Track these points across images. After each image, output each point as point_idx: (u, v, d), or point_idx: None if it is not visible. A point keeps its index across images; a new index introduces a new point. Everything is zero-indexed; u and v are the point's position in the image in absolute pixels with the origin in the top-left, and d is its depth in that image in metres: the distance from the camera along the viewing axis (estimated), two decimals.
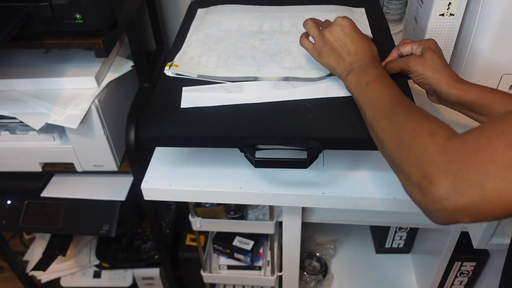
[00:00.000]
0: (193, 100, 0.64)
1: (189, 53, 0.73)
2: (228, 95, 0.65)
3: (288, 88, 0.65)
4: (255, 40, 0.75)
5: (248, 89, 0.66)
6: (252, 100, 0.64)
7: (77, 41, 0.74)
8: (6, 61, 0.88)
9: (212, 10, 0.86)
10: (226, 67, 0.69)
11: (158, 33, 1.15)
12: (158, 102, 0.65)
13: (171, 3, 1.16)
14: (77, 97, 0.82)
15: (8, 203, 1.04)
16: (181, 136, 0.61)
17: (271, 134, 0.60)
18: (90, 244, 1.32)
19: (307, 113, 0.62)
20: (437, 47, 0.62)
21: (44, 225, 1.02)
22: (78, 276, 1.31)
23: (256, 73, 0.68)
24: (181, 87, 0.67)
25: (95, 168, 0.93)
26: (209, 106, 0.63)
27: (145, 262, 1.25)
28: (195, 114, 0.62)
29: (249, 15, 0.83)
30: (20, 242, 1.49)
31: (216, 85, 0.67)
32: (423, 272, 1.07)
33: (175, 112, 0.63)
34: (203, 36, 0.77)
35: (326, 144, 0.60)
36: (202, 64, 0.70)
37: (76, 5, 0.68)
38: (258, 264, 1.08)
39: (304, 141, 0.59)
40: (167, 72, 0.70)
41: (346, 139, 0.60)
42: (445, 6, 0.72)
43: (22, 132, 0.87)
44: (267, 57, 0.70)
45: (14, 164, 0.93)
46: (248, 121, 0.61)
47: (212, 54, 0.72)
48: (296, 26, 0.78)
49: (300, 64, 0.69)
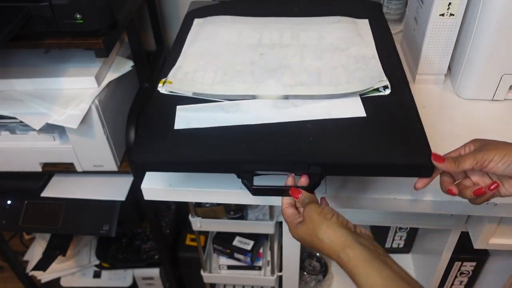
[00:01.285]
0: (187, 121, 0.61)
1: (184, 68, 0.69)
2: (224, 115, 0.61)
3: (288, 107, 0.62)
4: (254, 54, 0.71)
5: (246, 108, 0.62)
6: (250, 121, 0.60)
7: (77, 41, 0.74)
8: (6, 61, 0.88)
9: (209, 20, 0.82)
10: (223, 83, 0.65)
11: (158, 33, 1.15)
12: (151, 122, 0.62)
13: (171, 3, 1.16)
14: (77, 97, 0.82)
15: (8, 203, 1.04)
16: (175, 161, 0.58)
17: (270, 159, 0.56)
18: (90, 244, 1.32)
19: (309, 135, 0.58)
20: (487, 139, 0.53)
21: (44, 225, 1.02)
22: (78, 276, 1.31)
23: (254, 91, 0.64)
24: (175, 105, 0.63)
25: (95, 168, 0.93)
26: (204, 127, 0.60)
27: (145, 262, 1.26)
28: (190, 137, 0.59)
29: (248, 26, 0.79)
30: (20, 242, 1.49)
31: (212, 104, 0.63)
32: (423, 272, 1.07)
33: (169, 135, 0.59)
34: (199, 49, 0.73)
35: (329, 170, 0.56)
36: (198, 80, 0.66)
37: (76, 5, 0.68)
38: (258, 264, 1.08)
39: (306, 167, 0.55)
40: (160, 89, 0.66)
41: (351, 166, 0.56)
42: (445, 6, 0.72)
43: (22, 132, 0.87)
44: (266, 73, 0.67)
45: (14, 164, 0.93)
46: (246, 145, 0.57)
47: (209, 69, 0.68)
48: (297, 39, 0.74)
49: (300, 81, 0.65)
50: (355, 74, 0.65)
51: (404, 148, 0.55)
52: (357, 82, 0.64)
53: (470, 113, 0.75)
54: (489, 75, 0.74)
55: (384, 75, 0.64)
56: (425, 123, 0.58)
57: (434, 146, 0.55)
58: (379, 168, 0.55)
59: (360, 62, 0.68)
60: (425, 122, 0.58)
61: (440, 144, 0.68)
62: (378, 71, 0.66)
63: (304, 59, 0.69)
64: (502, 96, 0.76)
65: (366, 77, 0.64)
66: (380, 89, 0.63)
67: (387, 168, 0.55)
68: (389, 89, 0.63)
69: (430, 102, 0.78)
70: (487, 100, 0.77)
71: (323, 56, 0.70)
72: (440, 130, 0.71)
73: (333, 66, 0.67)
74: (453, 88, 0.80)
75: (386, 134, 0.57)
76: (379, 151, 0.55)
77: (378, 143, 0.56)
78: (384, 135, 0.57)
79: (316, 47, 0.72)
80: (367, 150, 0.55)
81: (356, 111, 0.60)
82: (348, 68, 0.67)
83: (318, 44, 0.72)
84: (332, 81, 0.64)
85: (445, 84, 0.82)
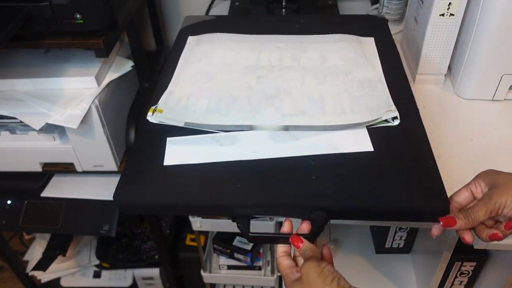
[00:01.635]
0: (178, 156, 0.55)
1: (176, 93, 0.64)
2: (219, 149, 0.56)
3: (289, 140, 0.56)
4: (251, 78, 0.65)
5: (242, 141, 0.57)
6: (246, 156, 0.55)
7: (77, 41, 0.74)
8: (6, 61, 0.88)
9: (204, 39, 0.76)
10: (218, 112, 0.60)
11: (158, 33, 1.15)
12: (138, 157, 0.57)
13: (171, 3, 1.16)
14: (77, 97, 0.82)
15: (8, 203, 1.04)
16: (163, 205, 0.53)
17: (268, 203, 0.51)
18: (90, 244, 1.32)
19: (311, 173, 0.52)
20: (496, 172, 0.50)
21: (44, 225, 1.02)
22: (78, 276, 1.31)
23: (251, 121, 0.58)
24: (166, 136, 0.58)
25: (95, 168, 0.92)
26: (196, 163, 0.54)
27: (145, 262, 1.26)
28: (180, 175, 0.53)
29: (245, 45, 0.73)
30: (20, 242, 1.49)
31: (206, 136, 0.58)
32: (423, 272, 1.07)
33: (157, 172, 0.54)
34: (193, 72, 0.68)
35: (333, 215, 0.51)
36: (191, 108, 0.61)
37: (76, 5, 0.68)
38: (258, 264, 1.08)
39: (307, 212, 0.50)
40: (150, 118, 0.61)
41: (358, 210, 0.50)
42: (445, 6, 0.72)
43: (22, 132, 0.87)
44: (264, 100, 0.61)
45: (14, 164, 0.93)
46: (241, 185, 0.52)
47: (203, 95, 0.63)
48: (297, 61, 0.69)
49: (301, 109, 0.59)
50: (361, 101, 0.60)
51: (416, 191, 0.50)
52: (363, 111, 0.59)
53: (470, 113, 0.75)
54: (489, 75, 0.74)
55: (392, 103, 0.60)
56: (425, 123, 0.58)
57: (434, 147, 0.55)
58: (389, 214, 0.50)
59: (366, 87, 0.63)
60: (425, 122, 0.58)
61: (440, 143, 0.68)
62: (385, 97, 0.61)
63: (305, 83, 0.64)
64: (502, 96, 0.76)
65: (372, 105, 0.60)
66: (388, 119, 0.58)
67: (398, 213, 0.50)
68: (398, 119, 0.58)
69: (430, 102, 0.78)
70: (487, 100, 0.77)
71: (326, 80, 0.65)
72: (440, 130, 0.71)
73: (336, 92, 0.62)
74: (453, 88, 0.80)
75: (396, 173, 0.52)
76: (389, 194, 0.50)
77: (387, 184, 0.51)
78: (394, 174, 0.52)
79: (318, 69, 0.67)
80: (376, 193, 0.50)
81: (363, 145, 0.55)
82: (353, 93, 0.62)
83: (320, 66, 0.68)
84: (336, 110, 0.59)
85: (445, 84, 0.82)
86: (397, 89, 0.62)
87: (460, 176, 0.63)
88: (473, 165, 0.65)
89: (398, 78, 0.65)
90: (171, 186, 0.52)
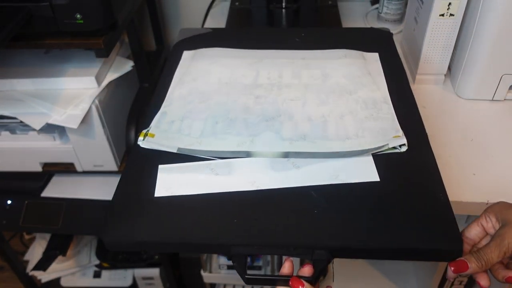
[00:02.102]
0: (170, 186, 0.51)
1: (169, 115, 0.61)
2: (214, 179, 0.52)
3: (289, 169, 0.52)
4: (249, 98, 0.62)
5: (239, 170, 0.53)
6: (243, 186, 0.51)
7: (77, 41, 0.74)
8: (6, 61, 0.88)
9: (200, 54, 0.72)
10: (214, 136, 0.56)
11: (158, 33, 1.15)
12: (127, 187, 0.53)
13: (171, 3, 1.16)
14: (77, 97, 0.82)
15: (8, 203, 1.04)
16: (154, 243, 0.48)
17: (267, 242, 0.47)
18: (90, 244, 1.32)
19: (313, 207, 0.48)
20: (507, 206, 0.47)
21: (44, 225, 1.02)
22: (78, 276, 1.31)
23: (249, 147, 0.54)
24: (157, 162, 0.54)
25: (95, 168, 0.93)
26: (189, 195, 0.51)
27: (145, 262, 1.25)
28: (172, 208, 0.49)
29: (242, 62, 0.69)
30: (20, 242, 1.49)
31: (200, 163, 0.54)
32: (423, 272, 1.07)
33: (147, 206, 0.50)
34: (187, 92, 0.64)
35: (337, 254, 0.47)
36: (184, 131, 0.58)
37: (77, 5, 0.68)
38: (258, 264, 1.08)
39: (309, 252, 0.46)
40: (141, 143, 0.57)
41: (364, 250, 0.46)
42: (445, 6, 0.72)
43: (22, 132, 0.87)
44: (262, 122, 0.58)
45: (14, 164, 0.93)
46: (238, 220, 0.48)
47: (197, 117, 0.59)
48: (298, 78, 0.65)
49: (303, 133, 0.56)
50: (366, 125, 0.57)
51: (426, 230, 0.46)
52: (368, 136, 0.55)
53: (470, 113, 0.75)
54: (489, 75, 0.74)
55: (399, 127, 0.56)
56: (425, 123, 0.58)
57: (435, 147, 0.55)
58: (397, 253, 0.46)
59: (371, 108, 0.59)
60: (425, 123, 0.58)
61: (440, 143, 0.68)
62: (391, 120, 0.58)
63: (306, 104, 0.61)
64: (502, 96, 0.76)
65: (378, 129, 0.56)
66: (395, 146, 0.54)
67: (406, 252, 0.46)
68: (406, 146, 0.54)
69: (430, 102, 0.78)
70: (487, 100, 0.77)
71: (329, 100, 0.61)
72: (440, 130, 0.71)
73: (340, 113, 0.59)
74: (453, 88, 0.80)
75: (404, 209, 0.48)
76: (397, 233, 0.46)
77: (395, 222, 0.47)
78: (401, 210, 0.48)
79: (320, 87, 0.64)
80: (383, 231, 0.46)
81: (369, 175, 0.51)
82: (357, 115, 0.58)
83: (322, 85, 0.64)
84: (340, 134, 0.56)
85: (445, 84, 0.82)
86: (403, 111, 0.59)
87: (460, 176, 0.63)
88: (473, 165, 0.65)
89: (404, 98, 0.62)
90: (162, 223, 0.48)
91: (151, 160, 0.55)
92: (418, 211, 0.47)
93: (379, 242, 0.45)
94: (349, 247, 0.46)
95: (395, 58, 0.70)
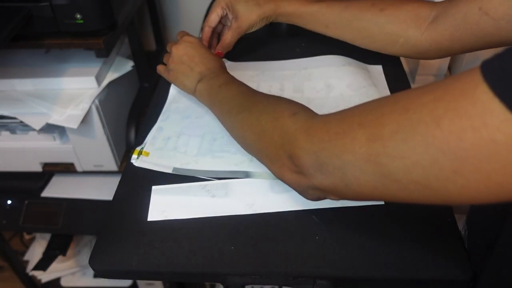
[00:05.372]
0: (164, 210, 0.50)
1: (165, 130, 0.59)
2: (210, 202, 0.50)
3: (289, 191, 0.48)
4: None
5: (236, 192, 0.51)
6: (241, 210, 0.49)
7: (77, 41, 0.74)
8: (6, 61, 0.88)
9: None
10: (211, 155, 0.54)
11: (158, 33, 1.15)
12: (118, 210, 0.51)
13: (171, 3, 1.16)
14: (77, 97, 0.82)
15: (9, 203, 1.04)
16: (144, 271, 0.46)
17: (266, 270, 0.44)
18: (90, 244, 1.31)
19: (314, 233, 0.46)
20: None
21: (44, 225, 1.02)
22: (78, 276, 1.31)
23: (247, 167, 0.52)
24: (151, 182, 0.53)
25: (95, 168, 0.93)
26: (184, 219, 0.48)
27: None
28: (165, 234, 0.47)
29: (242, 73, 0.67)
30: (20, 242, 1.49)
31: (196, 184, 0.52)
32: None
33: (139, 231, 0.48)
34: (184, 106, 0.62)
35: (340, 284, 0.45)
36: (180, 149, 0.56)
37: (77, 5, 0.68)
38: None
39: (310, 282, 0.44)
40: (134, 162, 0.55)
41: (368, 280, 0.44)
42: None
43: (23, 132, 0.87)
44: None
45: (14, 164, 0.93)
46: (235, 247, 0.45)
47: (194, 133, 0.58)
48: (300, 92, 0.63)
49: None
50: None
51: (433, 258, 0.43)
52: None
53: None
54: None
55: None
56: None
57: None
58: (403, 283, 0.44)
59: None
60: None
61: None
62: None
63: None
64: None
65: None
66: None
67: (414, 283, 0.44)
68: None
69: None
70: None
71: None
72: None
73: None
74: None
75: (409, 234, 0.46)
76: (403, 262, 0.44)
77: (400, 249, 0.44)
78: (407, 235, 0.46)
79: (323, 102, 0.61)
80: (388, 260, 0.43)
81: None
82: None
83: (326, 97, 0.62)
84: None
85: None
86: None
87: None
88: None
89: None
90: (154, 250, 0.46)
91: (144, 179, 0.53)
92: (424, 237, 0.45)
93: (384, 273, 0.43)
94: (353, 277, 0.43)
95: (399, 71, 0.69)
